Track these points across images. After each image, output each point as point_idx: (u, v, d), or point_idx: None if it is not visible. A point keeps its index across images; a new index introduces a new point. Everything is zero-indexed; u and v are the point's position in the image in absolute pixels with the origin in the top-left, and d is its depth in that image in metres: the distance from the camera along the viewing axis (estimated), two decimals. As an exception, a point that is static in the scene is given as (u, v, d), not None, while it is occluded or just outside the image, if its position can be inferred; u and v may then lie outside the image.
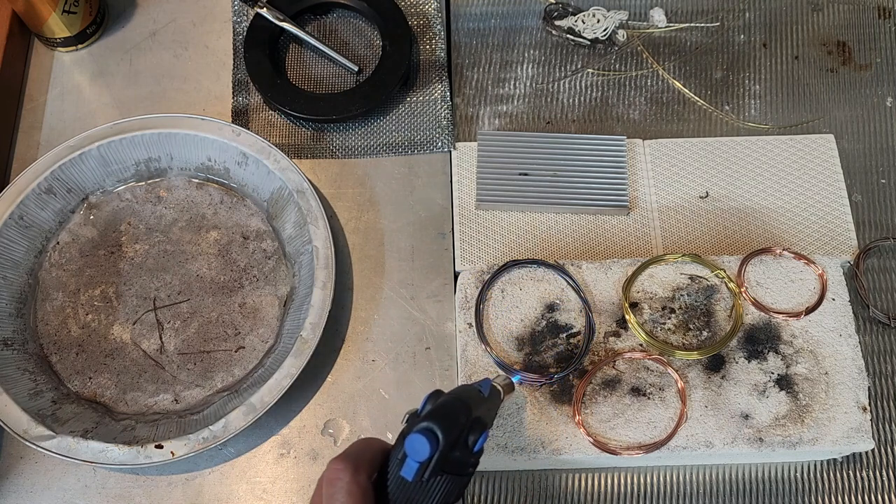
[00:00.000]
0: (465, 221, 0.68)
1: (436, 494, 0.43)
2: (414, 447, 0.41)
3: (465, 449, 0.44)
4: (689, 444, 0.57)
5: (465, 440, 0.44)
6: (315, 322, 0.61)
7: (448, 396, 0.45)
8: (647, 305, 0.61)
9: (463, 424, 0.43)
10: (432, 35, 0.77)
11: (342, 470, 0.42)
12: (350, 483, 0.41)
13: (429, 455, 0.41)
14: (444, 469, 0.43)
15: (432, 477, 0.42)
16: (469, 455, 0.44)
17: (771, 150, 0.71)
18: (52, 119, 0.74)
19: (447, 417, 0.43)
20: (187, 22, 0.78)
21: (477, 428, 0.44)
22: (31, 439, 0.57)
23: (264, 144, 0.67)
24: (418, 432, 0.42)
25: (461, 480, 0.44)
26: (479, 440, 0.44)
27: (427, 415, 0.43)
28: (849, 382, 0.58)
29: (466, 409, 0.44)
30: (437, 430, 0.42)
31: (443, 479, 0.43)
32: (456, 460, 0.43)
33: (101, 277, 0.67)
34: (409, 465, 0.42)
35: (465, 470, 0.45)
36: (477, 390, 0.48)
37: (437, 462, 0.42)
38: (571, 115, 0.74)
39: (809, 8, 0.79)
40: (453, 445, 0.43)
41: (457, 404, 0.44)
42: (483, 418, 0.45)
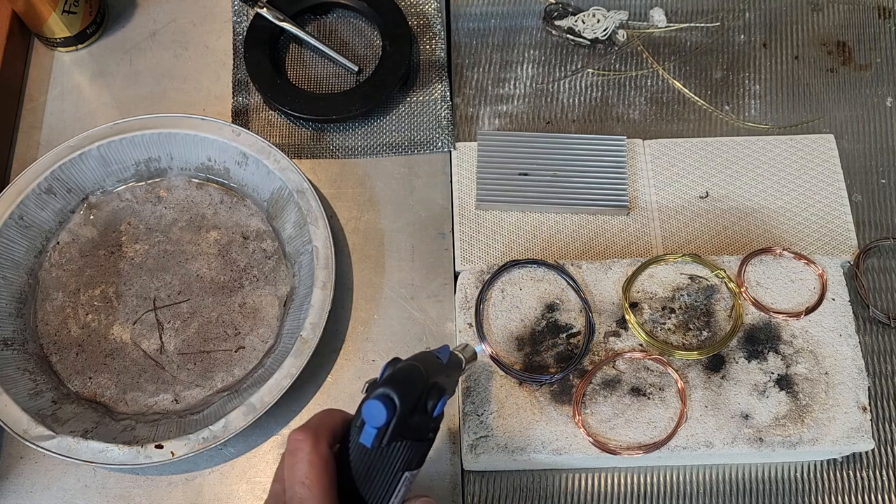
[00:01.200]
0: (465, 221, 0.68)
1: (397, 460, 0.43)
2: (371, 413, 0.42)
3: (424, 414, 0.44)
4: (689, 444, 0.57)
5: (423, 405, 0.44)
6: (315, 322, 0.61)
7: (405, 363, 0.45)
8: (647, 305, 0.61)
9: (420, 390, 0.44)
10: (432, 35, 0.77)
11: (303, 440, 0.42)
12: (311, 453, 0.42)
13: (385, 420, 0.42)
14: (404, 435, 0.43)
15: (391, 443, 0.43)
16: (429, 420, 0.44)
17: (771, 150, 0.71)
18: (52, 119, 0.74)
19: (403, 383, 0.43)
20: (187, 22, 0.78)
21: (435, 393, 0.44)
22: (31, 439, 0.57)
23: (264, 144, 0.67)
24: (375, 398, 0.42)
25: (422, 446, 0.45)
26: (438, 405, 0.44)
27: (384, 381, 0.43)
28: (849, 382, 0.58)
29: (423, 375, 0.44)
30: (394, 395, 0.42)
31: (402, 444, 0.43)
32: (415, 426, 0.44)
33: (101, 277, 0.67)
34: (367, 431, 0.42)
35: (424, 435, 0.45)
36: (435, 356, 0.48)
37: (395, 427, 0.42)
38: (571, 115, 0.74)
39: (809, 8, 0.79)
40: (411, 411, 0.43)
41: (413, 370, 0.45)
42: (441, 384, 0.45)
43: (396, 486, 0.44)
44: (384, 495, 0.44)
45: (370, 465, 0.43)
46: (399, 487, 0.44)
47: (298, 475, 0.42)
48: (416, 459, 0.45)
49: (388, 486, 0.44)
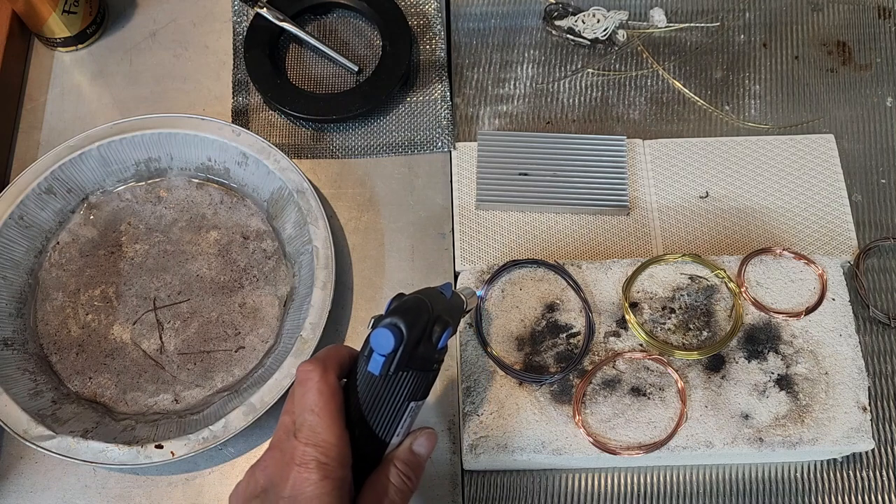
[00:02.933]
0: (465, 221, 0.68)
1: (403, 390, 0.45)
2: (379, 341, 0.43)
3: (429, 344, 0.45)
4: (689, 444, 0.57)
5: (429, 336, 0.45)
6: (315, 322, 0.61)
7: (411, 295, 0.47)
8: (647, 305, 0.61)
9: (426, 321, 0.45)
10: (432, 35, 0.77)
11: (312, 370, 0.44)
12: (320, 382, 0.44)
13: (393, 347, 0.43)
14: (410, 364, 0.44)
15: (398, 372, 0.44)
16: (433, 351, 0.46)
17: (771, 150, 0.71)
18: (52, 119, 0.74)
19: (410, 312, 0.45)
20: (187, 22, 0.78)
21: (440, 324, 0.46)
22: (31, 439, 0.57)
23: (264, 144, 0.67)
24: (383, 327, 0.43)
25: (427, 376, 0.46)
26: (443, 336, 0.46)
27: (391, 311, 0.45)
28: (849, 382, 0.58)
29: (428, 307, 0.46)
30: (401, 324, 0.44)
31: (408, 374, 0.45)
32: (421, 356, 0.45)
33: (101, 277, 0.67)
34: (375, 359, 0.43)
35: (430, 366, 0.46)
36: (439, 292, 0.50)
37: (402, 356, 0.44)
38: (571, 115, 0.74)
39: (809, 8, 0.79)
40: (417, 340, 0.44)
41: (419, 302, 0.46)
42: (444, 316, 0.47)
43: (402, 415, 0.46)
44: (391, 424, 0.45)
45: (377, 394, 0.44)
46: (405, 417, 0.46)
47: (308, 403, 0.44)
48: (422, 390, 0.46)
49: (394, 415, 0.45)
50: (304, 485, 0.42)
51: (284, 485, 0.42)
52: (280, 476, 0.43)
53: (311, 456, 0.42)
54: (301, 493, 0.42)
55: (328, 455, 0.42)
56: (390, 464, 0.46)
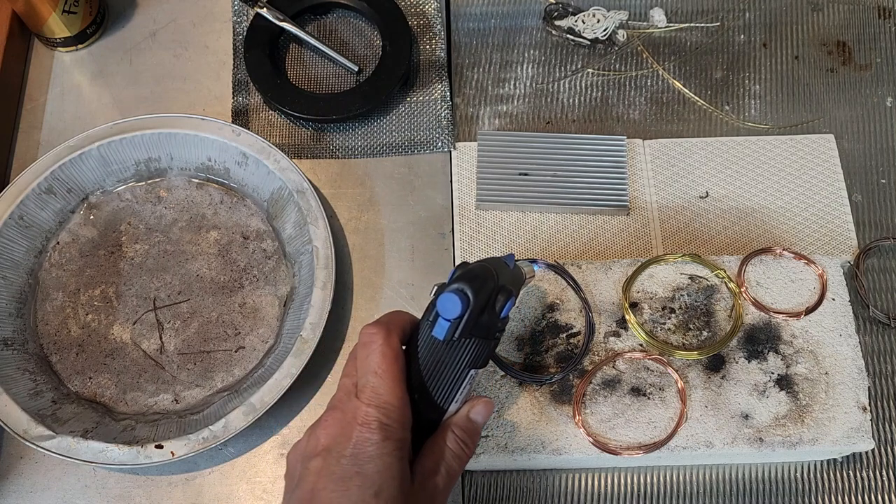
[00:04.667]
0: (465, 221, 0.68)
1: (465, 357, 0.45)
2: (446, 306, 0.44)
3: (492, 312, 0.46)
4: (689, 444, 0.57)
5: (492, 304, 0.46)
6: (315, 322, 0.61)
7: (477, 263, 0.47)
8: (647, 305, 0.61)
9: (491, 289, 0.46)
10: (432, 35, 0.77)
11: (376, 333, 0.45)
12: (383, 345, 0.44)
13: (460, 313, 0.43)
14: (473, 332, 0.45)
15: (461, 338, 0.44)
16: (496, 319, 0.46)
17: (771, 150, 0.71)
18: (52, 119, 0.74)
19: (477, 279, 0.45)
20: (187, 22, 0.78)
21: (504, 293, 0.46)
22: (31, 439, 0.57)
23: (264, 144, 0.67)
24: (450, 292, 0.44)
25: (488, 344, 0.46)
26: (507, 305, 0.46)
27: (458, 277, 0.45)
28: (849, 382, 0.58)
29: (493, 275, 0.46)
30: (468, 290, 0.44)
31: (471, 341, 0.45)
32: (484, 324, 0.45)
33: (101, 277, 0.67)
34: (440, 324, 0.44)
35: (492, 334, 0.47)
36: (504, 262, 0.50)
37: (468, 322, 0.44)
38: (571, 115, 0.74)
39: (809, 8, 0.79)
40: (483, 308, 0.45)
41: (485, 269, 0.46)
42: (508, 286, 0.47)
43: (462, 382, 0.46)
44: (450, 390, 0.46)
45: (439, 360, 0.45)
46: (464, 384, 0.46)
47: (371, 365, 0.44)
48: (483, 358, 0.46)
49: (454, 381, 0.46)
50: (365, 444, 0.42)
51: (346, 444, 0.43)
52: (342, 435, 0.43)
53: (373, 416, 0.43)
54: (363, 452, 0.42)
55: (390, 416, 0.43)
56: (448, 429, 0.46)
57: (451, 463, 0.46)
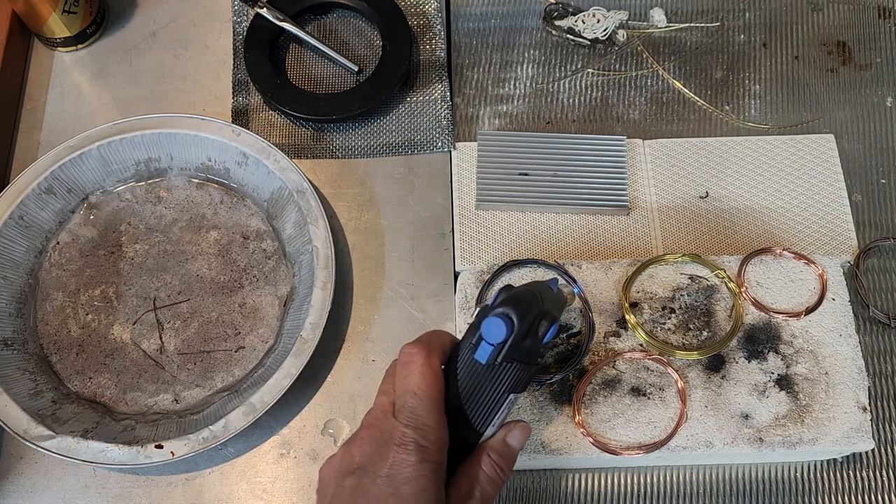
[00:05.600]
0: (465, 221, 0.68)
1: (505, 381, 0.45)
2: (490, 330, 0.43)
3: (535, 338, 0.45)
4: (689, 444, 0.57)
5: (535, 329, 0.45)
6: (315, 322, 0.61)
7: (522, 287, 0.47)
8: (647, 305, 0.61)
9: (535, 313, 0.45)
10: (432, 35, 0.77)
11: (416, 353, 0.45)
12: (423, 365, 0.44)
13: (504, 338, 0.43)
14: (515, 356, 0.44)
15: (503, 363, 0.44)
16: (538, 345, 0.46)
17: (771, 150, 0.71)
18: (52, 119, 0.74)
19: (522, 304, 0.45)
20: (187, 22, 0.78)
21: (547, 319, 0.46)
22: (31, 439, 0.57)
23: (264, 144, 0.67)
24: (496, 316, 0.43)
25: (529, 370, 0.46)
26: (549, 331, 0.46)
27: (503, 301, 0.45)
28: (849, 382, 0.58)
29: (539, 300, 0.46)
30: (513, 314, 0.44)
31: (513, 366, 0.45)
32: (526, 349, 0.45)
33: (101, 277, 0.67)
34: (483, 347, 0.44)
35: (533, 360, 0.46)
36: (548, 286, 0.50)
37: (511, 347, 0.44)
38: (571, 115, 0.74)
39: (809, 8, 0.79)
40: (526, 333, 0.44)
41: (531, 295, 0.46)
42: (552, 312, 0.47)
43: (501, 406, 0.46)
44: (488, 414, 0.45)
45: (478, 383, 0.44)
46: (503, 408, 0.46)
47: (411, 385, 0.44)
48: (523, 383, 0.46)
49: (493, 405, 0.45)
50: (402, 466, 0.42)
51: (383, 464, 0.43)
52: (378, 455, 0.43)
53: (410, 437, 0.42)
54: (399, 473, 0.42)
55: (428, 438, 0.43)
56: (484, 453, 0.46)
57: (485, 487, 0.45)
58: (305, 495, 0.60)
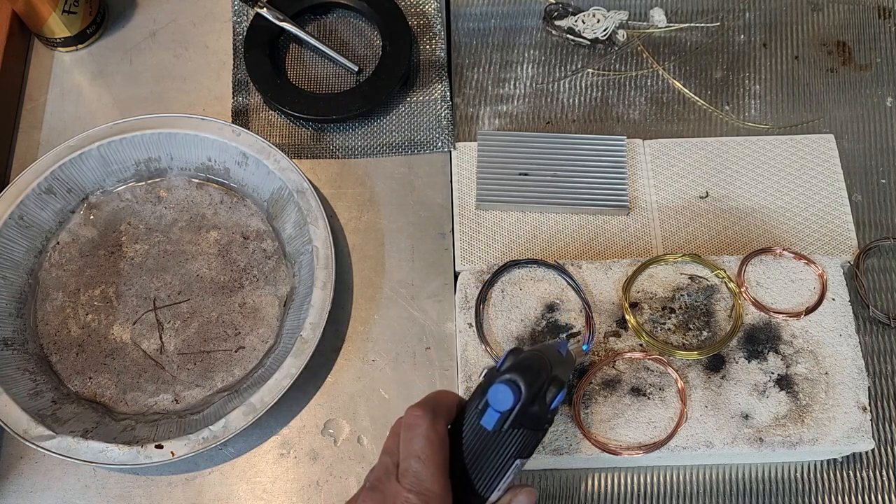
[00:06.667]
0: (465, 221, 0.68)
1: (511, 447, 0.44)
2: (497, 397, 0.43)
3: (542, 404, 0.45)
4: (689, 444, 0.57)
5: (543, 395, 0.45)
6: (315, 322, 0.61)
7: (530, 352, 0.46)
8: (647, 305, 0.61)
9: (544, 379, 0.45)
10: (432, 35, 0.77)
11: (421, 416, 0.44)
12: (428, 429, 0.43)
13: (511, 405, 0.43)
14: (522, 423, 0.44)
15: (510, 429, 0.43)
16: (546, 411, 0.45)
17: (771, 150, 0.71)
18: (52, 119, 0.74)
19: (530, 371, 0.44)
20: (187, 22, 0.78)
21: (556, 384, 0.45)
22: (31, 439, 0.57)
23: (264, 144, 0.67)
24: (503, 383, 0.43)
25: (536, 436, 0.46)
26: (557, 397, 0.45)
27: (511, 367, 0.44)
28: (849, 382, 0.58)
29: (548, 366, 0.46)
30: (521, 382, 0.43)
31: (519, 432, 0.44)
32: (533, 415, 0.44)
33: (101, 277, 0.67)
34: (490, 414, 0.43)
35: (540, 426, 0.46)
36: (557, 350, 0.49)
37: (518, 414, 0.43)
38: (571, 115, 0.74)
39: (809, 8, 0.79)
40: (533, 399, 0.44)
41: (540, 360, 0.46)
42: (560, 376, 0.46)
43: (507, 471, 0.45)
44: (494, 479, 0.45)
45: (484, 448, 0.44)
46: (509, 473, 0.45)
47: (415, 449, 0.43)
48: (530, 448, 0.45)
49: (498, 470, 0.45)
50: None
51: None
52: None
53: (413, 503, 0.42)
54: None
55: None
56: None
57: None
58: (305, 495, 0.60)
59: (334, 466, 0.61)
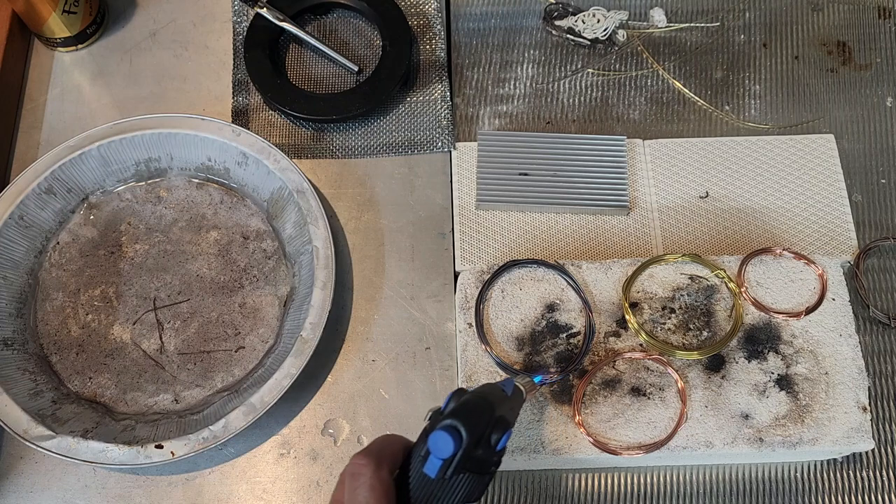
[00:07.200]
0: (465, 221, 0.68)
1: (458, 492, 0.43)
2: (437, 444, 0.42)
3: (487, 447, 0.44)
4: (689, 444, 0.57)
5: (488, 438, 0.44)
6: (315, 322, 0.61)
7: (472, 394, 0.45)
8: (647, 305, 0.61)
9: (486, 423, 0.44)
10: (432, 35, 0.77)
11: (365, 465, 0.43)
12: (372, 478, 0.42)
13: (452, 452, 0.42)
14: (467, 467, 0.43)
15: (455, 475, 0.42)
16: (492, 454, 0.44)
17: (771, 150, 0.71)
18: (52, 119, 0.74)
19: (471, 415, 0.43)
20: (187, 22, 0.78)
21: (500, 427, 0.44)
22: (31, 439, 0.57)
23: (264, 144, 0.67)
24: (442, 429, 0.42)
25: (483, 479, 0.45)
26: (503, 439, 0.44)
27: (451, 412, 0.43)
28: (849, 382, 0.58)
29: (490, 408, 0.44)
30: (461, 427, 0.42)
31: (465, 477, 0.43)
32: (479, 459, 0.43)
33: (101, 277, 0.67)
34: (432, 461, 0.42)
35: (487, 469, 0.45)
36: (500, 389, 0.48)
37: (461, 460, 0.42)
38: (571, 115, 0.74)
39: (809, 8, 0.79)
40: (477, 444, 0.43)
41: (481, 403, 0.44)
42: (506, 417, 0.45)
43: None
44: None
45: (430, 494, 0.43)
46: None
47: (359, 499, 0.42)
48: (478, 491, 0.44)
49: None
50: None
51: None
52: None
53: None
54: None
55: None
56: None
57: None
58: (305, 495, 0.60)
59: (334, 466, 0.61)
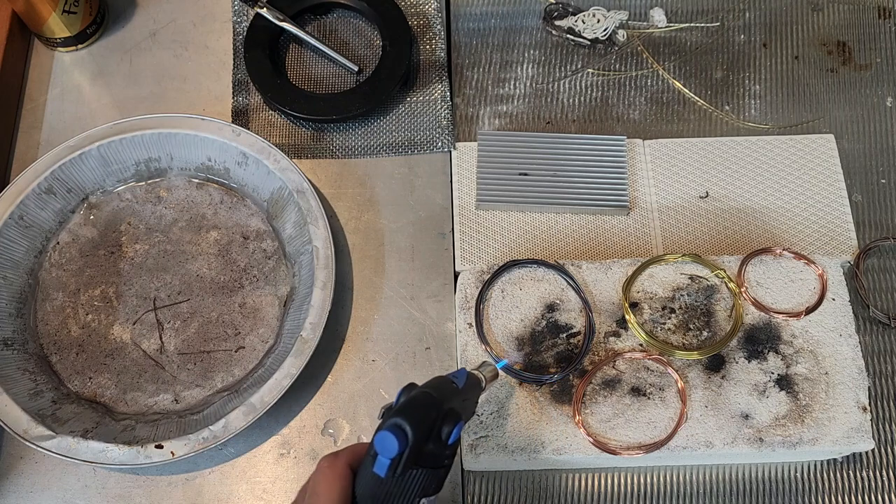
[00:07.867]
0: (465, 221, 0.68)
1: (413, 488, 0.44)
2: (384, 444, 0.42)
3: (438, 441, 0.44)
4: (689, 444, 0.57)
5: (438, 433, 0.44)
6: (315, 322, 0.61)
7: (418, 391, 0.45)
8: (647, 305, 0.61)
9: (434, 418, 0.44)
10: (432, 35, 0.77)
11: (324, 458, 0.44)
12: (326, 466, 0.43)
13: (398, 451, 0.42)
14: (418, 463, 0.43)
15: (406, 471, 0.43)
16: (444, 447, 0.44)
17: (771, 150, 0.71)
18: (52, 119, 0.74)
19: (416, 412, 0.43)
20: (187, 22, 0.78)
21: (450, 420, 0.44)
22: (31, 439, 0.57)
23: (264, 144, 0.67)
24: (387, 429, 0.42)
25: (437, 473, 0.45)
26: (454, 432, 0.44)
27: (397, 410, 0.43)
28: (849, 382, 0.58)
29: (437, 403, 0.44)
30: (406, 425, 0.42)
31: (418, 472, 0.43)
32: (430, 453, 0.43)
33: (101, 277, 0.67)
34: (380, 461, 0.42)
35: (440, 462, 0.45)
36: (450, 382, 0.48)
37: (409, 457, 0.42)
38: (571, 115, 0.74)
39: (809, 8, 0.79)
40: (425, 439, 0.43)
41: (426, 398, 0.44)
42: (457, 409, 0.45)
43: None
44: None
45: (387, 492, 0.43)
46: None
47: (311, 486, 0.44)
48: (433, 486, 0.45)
49: None
50: None
51: None
52: None
53: None
54: None
55: None
56: None
57: None
58: (305, 495, 0.60)
59: (334, 466, 0.61)
